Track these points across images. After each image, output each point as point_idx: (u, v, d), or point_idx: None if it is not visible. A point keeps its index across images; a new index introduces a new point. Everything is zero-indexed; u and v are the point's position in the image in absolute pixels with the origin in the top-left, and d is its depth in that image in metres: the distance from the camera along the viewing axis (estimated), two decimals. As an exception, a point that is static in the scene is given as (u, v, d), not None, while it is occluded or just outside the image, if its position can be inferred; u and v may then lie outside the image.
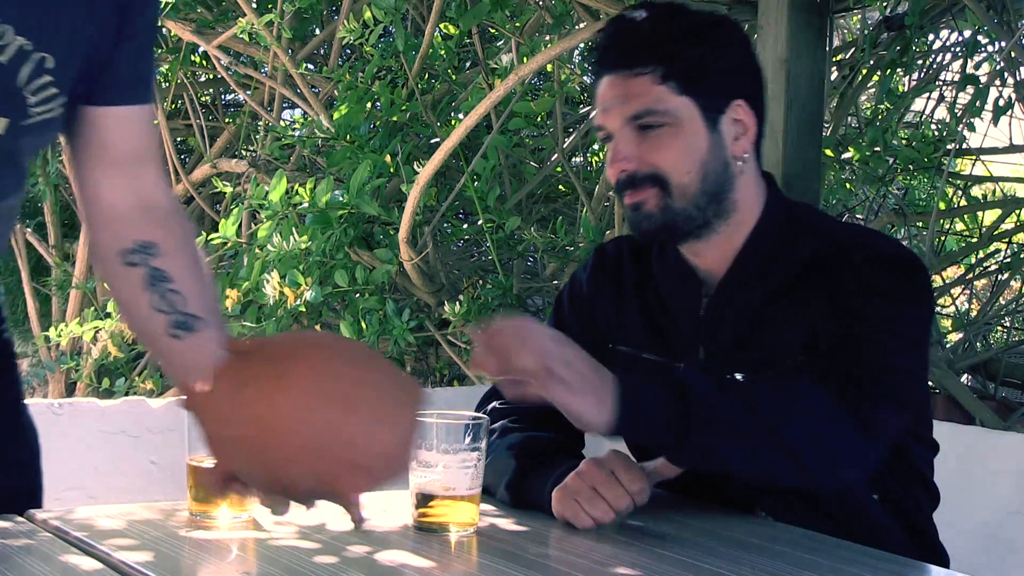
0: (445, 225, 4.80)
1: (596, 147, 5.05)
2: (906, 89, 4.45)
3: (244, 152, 5.06)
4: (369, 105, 4.18)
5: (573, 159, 4.93)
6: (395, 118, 4.15)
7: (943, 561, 1.66)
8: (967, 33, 3.95)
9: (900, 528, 1.61)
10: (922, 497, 1.66)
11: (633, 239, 1.76)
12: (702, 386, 1.36)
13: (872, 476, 1.59)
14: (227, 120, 5.49)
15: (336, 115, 4.18)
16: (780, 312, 1.58)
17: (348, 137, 4.14)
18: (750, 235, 1.62)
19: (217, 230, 4.00)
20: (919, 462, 1.66)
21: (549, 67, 4.31)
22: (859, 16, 4.66)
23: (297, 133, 4.40)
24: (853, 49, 4.02)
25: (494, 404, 1.75)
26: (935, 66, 4.42)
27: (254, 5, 4.16)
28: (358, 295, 4.05)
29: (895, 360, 1.51)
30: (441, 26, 4.34)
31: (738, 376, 1.53)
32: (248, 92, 4.99)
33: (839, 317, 1.52)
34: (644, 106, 1.57)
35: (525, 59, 3.84)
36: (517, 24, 4.16)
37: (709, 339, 1.63)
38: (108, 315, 4.08)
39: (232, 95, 5.67)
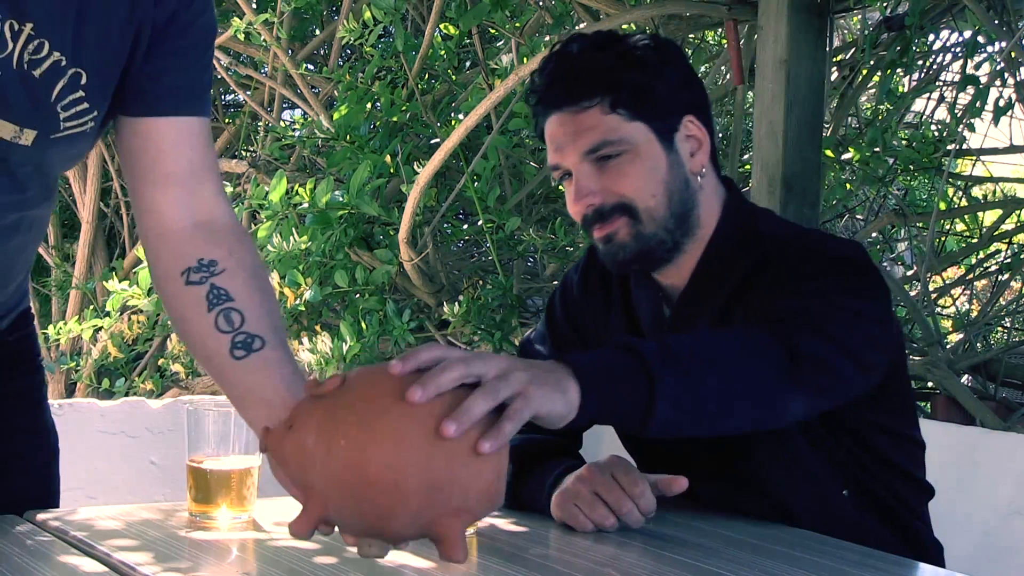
0: (445, 225, 4.80)
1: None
2: (906, 89, 4.45)
3: (244, 152, 5.06)
4: (369, 105, 4.18)
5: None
6: (395, 118, 4.15)
7: (937, 557, 1.66)
8: (967, 33, 3.95)
9: (881, 525, 1.61)
10: (907, 493, 1.66)
11: None
12: (646, 344, 1.31)
13: (837, 470, 1.59)
14: (227, 120, 5.50)
15: (336, 115, 4.18)
16: (734, 319, 1.57)
17: (348, 137, 4.14)
18: (706, 247, 1.63)
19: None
20: (899, 457, 1.66)
21: (549, 67, 4.31)
22: (859, 16, 4.66)
23: (297, 133, 4.41)
24: (853, 49, 4.02)
25: None
26: (935, 66, 4.42)
27: (254, 5, 4.15)
28: (358, 295, 4.06)
29: (827, 322, 1.47)
30: (441, 26, 4.34)
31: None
32: (248, 92, 4.99)
33: (781, 295, 1.51)
34: (599, 138, 1.57)
35: (525, 59, 3.84)
36: (517, 24, 4.16)
37: None
38: (108, 315, 4.08)
39: (232, 95, 5.67)
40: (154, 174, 1.39)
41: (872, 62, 3.83)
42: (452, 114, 4.48)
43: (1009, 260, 4.31)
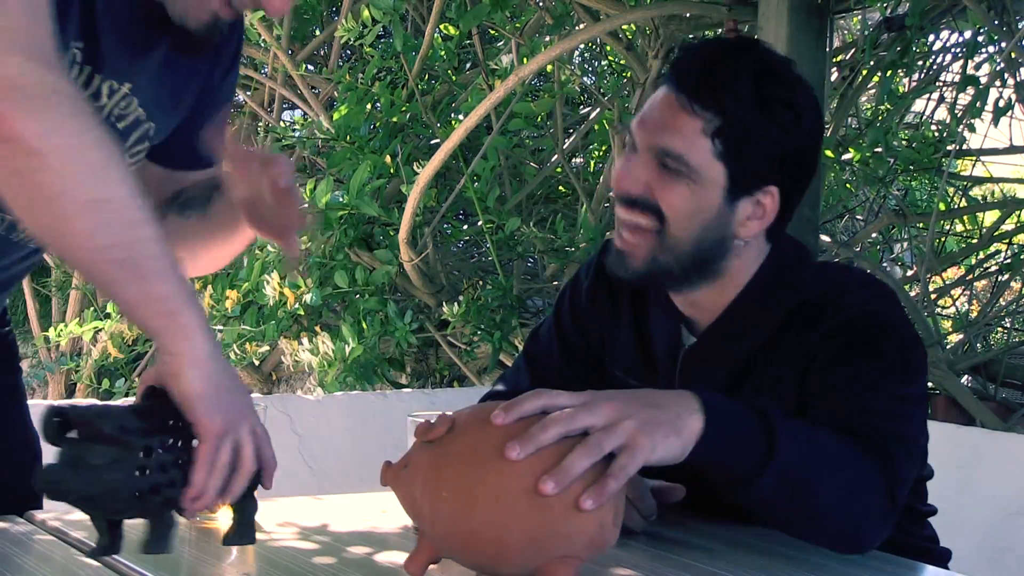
0: (445, 226, 4.80)
1: (595, 148, 5.06)
2: (906, 90, 4.45)
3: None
4: (369, 106, 4.18)
5: (573, 160, 4.93)
6: (395, 119, 4.16)
7: (942, 558, 1.65)
8: (967, 34, 3.95)
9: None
10: (911, 524, 1.63)
11: None
12: (772, 409, 1.28)
13: None
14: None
15: (336, 116, 4.18)
16: (757, 372, 1.53)
17: (348, 138, 4.14)
18: (738, 295, 1.56)
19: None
20: (912, 499, 1.63)
21: (549, 68, 4.32)
22: (859, 17, 4.67)
23: (297, 134, 4.41)
24: (853, 50, 4.02)
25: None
26: (935, 67, 4.42)
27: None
28: (358, 296, 4.06)
29: (904, 426, 1.45)
30: (441, 27, 4.34)
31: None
32: (248, 93, 4.99)
33: (826, 389, 1.46)
34: (677, 149, 1.46)
35: (525, 60, 3.84)
36: (517, 25, 4.16)
37: (684, 383, 1.58)
38: (108, 315, 4.08)
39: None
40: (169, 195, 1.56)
41: (872, 62, 3.83)
42: (452, 115, 4.48)
43: (1009, 260, 4.31)
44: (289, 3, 1.34)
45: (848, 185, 4.76)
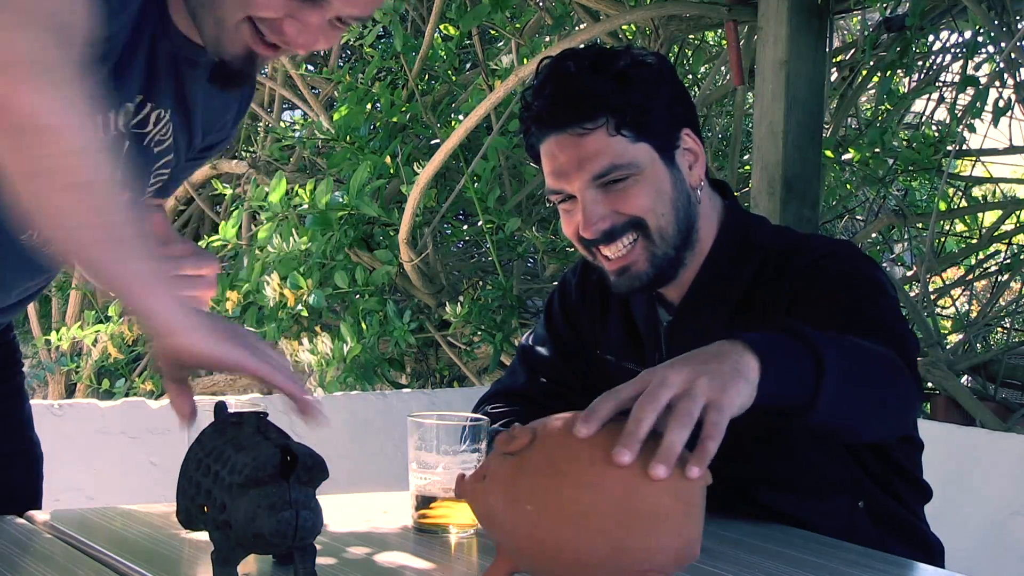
0: (445, 226, 4.80)
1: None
2: (906, 90, 4.45)
3: (244, 153, 5.06)
4: (369, 106, 4.19)
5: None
6: (395, 119, 4.16)
7: (940, 556, 1.66)
8: (967, 34, 3.95)
9: (890, 534, 1.61)
10: (907, 493, 1.66)
11: None
12: (806, 327, 1.30)
13: (853, 484, 1.61)
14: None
15: (336, 116, 4.18)
16: (739, 329, 1.57)
17: (348, 138, 4.14)
18: (705, 259, 1.63)
19: (217, 232, 4.01)
20: (903, 459, 1.66)
21: (549, 68, 4.31)
22: (859, 17, 4.66)
23: (297, 134, 4.42)
24: (853, 50, 4.02)
25: (489, 408, 1.76)
26: (935, 67, 4.42)
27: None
28: (358, 296, 4.06)
29: (892, 318, 1.53)
30: (441, 27, 4.34)
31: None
32: (248, 93, 4.99)
33: (819, 317, 1.49)
34: (607, 162, 1.53)
35: (525, 60, 3.84)
36: (517, 25, 4.16)
37: (671, 356, 1.62)
38: (108, 318, 4.08)
39: (232, 96, 5.66)
40: None
41: (872, 63, 3.83)
42: (452, 115, 4.49)
43: (1009, 261, 4.31)
44: (314, 44, 1.33)
45: (848, 185, 4.76)
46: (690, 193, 1.60)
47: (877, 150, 3.80)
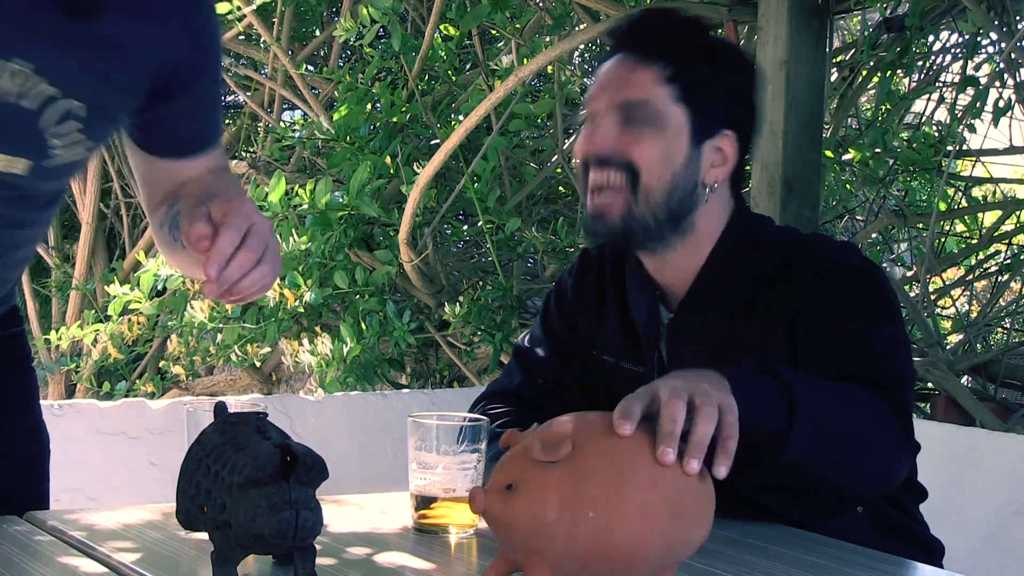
0: (445, 226, 4.80)
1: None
2: (906, 90, 4.45)
3: (244, 153, 5.06)
4: (369, 106, 4.19)
5: (573, 160, 4.92)
6: (395, 119, 4.16)
7: (937, 553, 1.66)
8: (967, 34, 3.96)
9: (891, 537, 1.61)
10: (904, 496, 1.66)
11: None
12: (782, 368, 1.35)
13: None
14: (227, 121, 5.50)
15: (336, 116, 4.18)
16: (740, 334, 1.58)
17: (348, 138, 4.14)
18: (708, 257, 1.62)
19: (217, 231, 4.00)
20: None
21: (549, 68, 4.32)
22: (859, 17, 4.66)
23: (297, 134, 4.41)
24: (853, 50, 4.02)
25: (485, 408, 1.76)
26: (935, 67, 4.42)
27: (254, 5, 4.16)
28: (358, 296, 4.06)
29: (901, 365, 1.52)
30: (441, 27, 4.34)
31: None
32: (248, 93, 5.00)
33: (818, 338, 1.52)
34: (640, 97, 1.55)
35: (525, 60, 3.84)
36: (517, 25, 4.16)
37: (673, 355, 1.64)
38: (108, 318, 4.08)
39: (232, 96, 5.67)
40: (173, 193, 1.52)
41: (872, 63, 3.83)
42: (452, 115, 4.49)
43: (1009, 261, 4.31)
44: None
45: (848, 185, 4.76)
46: (697, 184, 1.59)
47: (877, 150, 3.80)
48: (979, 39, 3.57)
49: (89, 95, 1.36)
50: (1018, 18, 3.42)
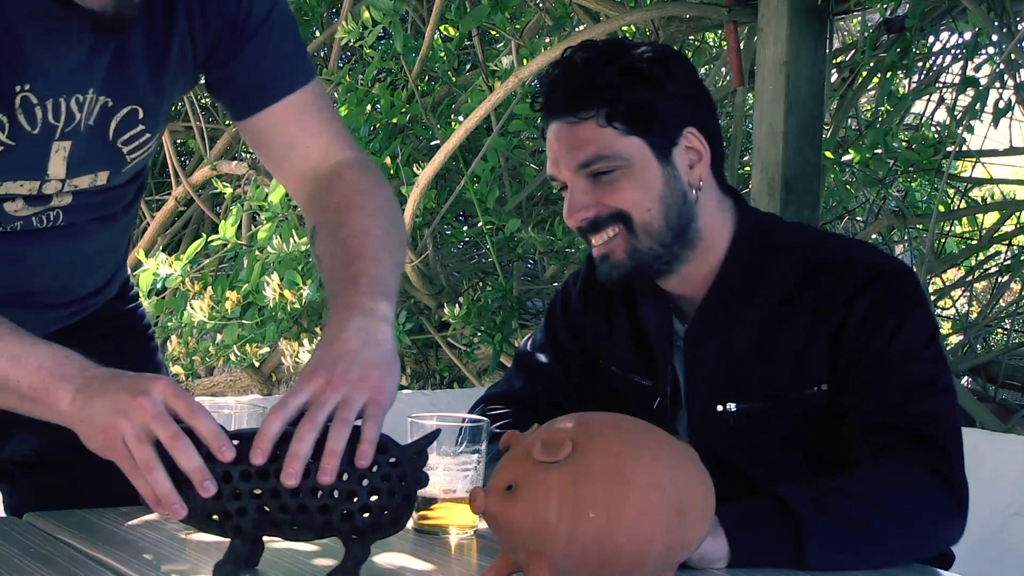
0: (445, 227, 4.80)
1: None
2: (906, 91, 4.45)
3: (244, 154, 5.06)
4: (369, 107, 4.18)
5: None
6: (395, 120, 4.16)
7: (949, 557, 1.65)
8: (967, 35, 3.96)
9: None
10: None
11: None
12: (808, 510, 1.34)
13: None
14: (227, 123, 5.50)
15: (336, 117, 4.18)
16: (770, 341, 1.57)
17: (348, 139, 4.13)
18: (724, 260, 1.61)
19: (217, 232, 4.01)
20: None
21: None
22: (859, 18, 4.67)
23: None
24: (853, 51, 4.03)
25: (484, 410, 1.75)
26: (935, 68, 4.42)
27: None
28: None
29: (940, 399, 1.51)
30: (441, 28, 4.34)
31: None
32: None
33: (862, 366, 1.51)
34: (593, 153, 1.55)
35: (525, 61, 3.84)
36: (517, 26, 4.16)
37: (692, 367, 1.62)
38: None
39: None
40: (271, 159, 1.56)
41: (872, 64, 3.84)
42: (452, 116, 4.48)
43: (1009, 262, 4.31)
44: None
45: (848, 186, 4.77)
46: (686, 191, 1.58)
47: (877, 151, 3.80)
48: (979, 40, 3.57)
49: (141, 98, 1.44)
50: (1018, 19, 3.42)
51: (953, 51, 4.36)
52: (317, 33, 5.04)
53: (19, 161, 1.38)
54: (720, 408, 1.59)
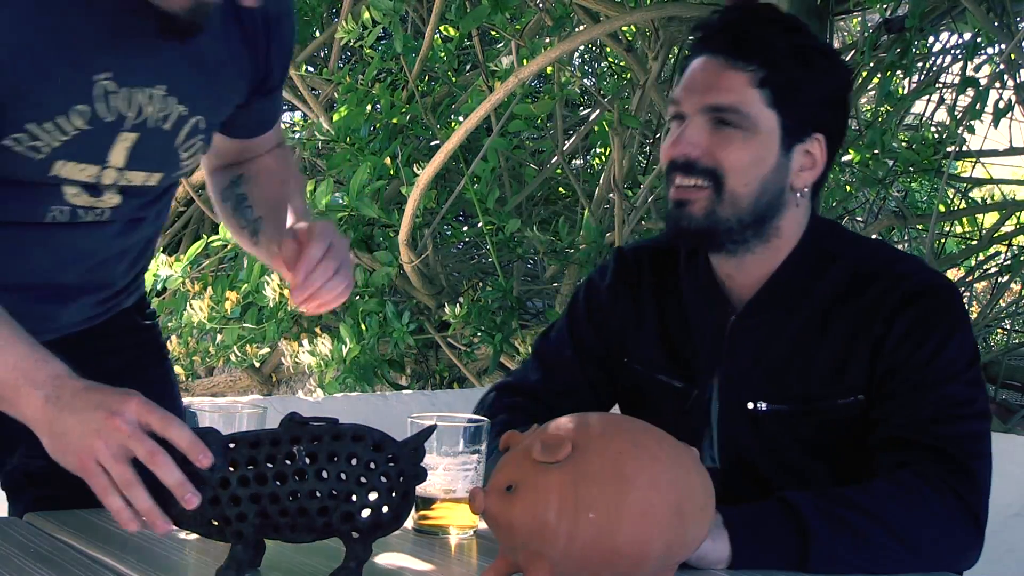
0: (445, 227, 4.80)
1: (596, 150, 5.05)
2: (906, 91, 4.45)
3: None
4: (369, 107, 4.18)
5: (573, 161, 4.93)
6: (395, 120, 4.16)
7: None
8: (967, 35, 3.96)
9: None
10: None
11: (653, 248, 1.73)
12: (814, 516, 1.35)
13: None
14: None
15: (336, 117, 4.18)
16: (810, 346, 1.56)
17: (348, 139, 4.14)
18: (783, 262, 1.59)
19: (217, 232, 4.01)
20: None
21: (549, 69, 4.32)
22: (859, 18, 4.67)
23: (297, 135, 4.41)
24: (853, 51, 4.02)
25: (501, 400, 1.74)
26: (935, 68, 4.42)
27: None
28: (358, 297, 4.06)
29: (973, 424, 1.53)
30: (441, 28, 4.34)
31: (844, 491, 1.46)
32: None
33: (899, 381, 1.50)
34: (731, 102, 1.51)
35: (525, 61, 3.84)
36: (517, 26, 4.16)
37: (730, 362, 1.61)
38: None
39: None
40: (235, 163, 1.76)
41: (872, 64, 3.83)
42: (452, 116, 4.48)
43: (1009, 262, 4.31)
44: None
45: (848, 187, 4.76)
46: (785, 188, 1.56)
47: (877, 151, 3.80)
48: (979, 40, 3.57)
49: (207, 109, 1.52)
50: (1018, 19, 3.42)
51: (953, 51, 4.36)
52: (317, 33, 5.03)
53: (87, 144, 1.42)
54: (751, 406, 1.57)
